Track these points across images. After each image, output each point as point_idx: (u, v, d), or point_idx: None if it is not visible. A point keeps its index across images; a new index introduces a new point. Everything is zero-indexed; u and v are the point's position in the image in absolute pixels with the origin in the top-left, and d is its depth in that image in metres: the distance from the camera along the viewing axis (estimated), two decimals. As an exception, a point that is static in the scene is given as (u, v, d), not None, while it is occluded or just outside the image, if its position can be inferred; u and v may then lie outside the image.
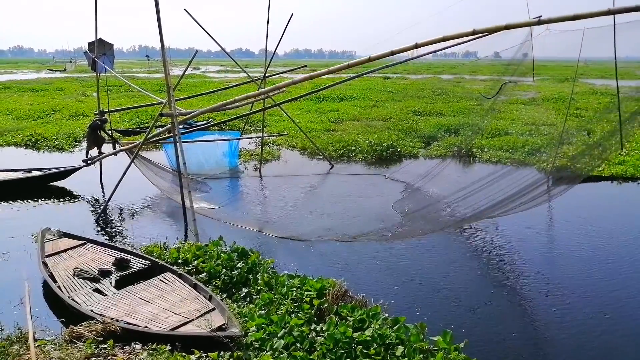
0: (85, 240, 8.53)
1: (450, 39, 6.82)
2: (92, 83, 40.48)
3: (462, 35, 6.74)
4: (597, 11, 5.93)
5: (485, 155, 16.19)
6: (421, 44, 7.01)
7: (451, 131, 19.95)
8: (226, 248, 7.94)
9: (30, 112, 25.56)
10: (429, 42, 6.97)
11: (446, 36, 6.77)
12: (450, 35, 6.76)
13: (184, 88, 37.46)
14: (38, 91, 37.38)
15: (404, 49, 7.27)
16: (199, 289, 6.70)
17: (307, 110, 26.92)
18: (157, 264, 7.50)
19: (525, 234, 10.02)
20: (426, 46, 7.13)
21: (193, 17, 12.54)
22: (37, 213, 11.14)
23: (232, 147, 15.01)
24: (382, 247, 9.18)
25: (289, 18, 13.79)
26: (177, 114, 9.66)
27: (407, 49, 7.23)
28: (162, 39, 9.24)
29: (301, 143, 18.07)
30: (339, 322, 5.62)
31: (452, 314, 6.84)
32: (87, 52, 13.69)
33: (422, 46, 7.05)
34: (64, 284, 6.94)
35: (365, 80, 43.07)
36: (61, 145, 18.37)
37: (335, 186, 13.74)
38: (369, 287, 7.14)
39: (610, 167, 14.39)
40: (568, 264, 8.61)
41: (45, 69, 76.93)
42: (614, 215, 11.48)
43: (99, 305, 6.33)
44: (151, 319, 5.97)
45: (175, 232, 9.63)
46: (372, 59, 7.41)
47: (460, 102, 28.00)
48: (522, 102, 29.15)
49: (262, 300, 6.36)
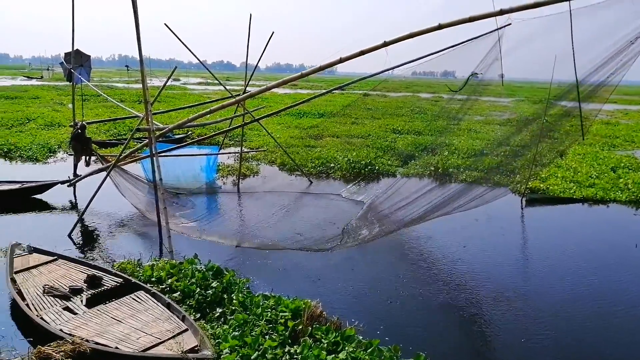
0: (57, 256, 8.35)
1: (418, 34, 7.08)
2: (69, 92, 39.78)
3: (428, 30, 7.01)
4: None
5: (462, 176, 16.47)
6: (390, 42, 7.22)
7: (428, 150, 20.27)
8: (201, 266, 7.87)
9: (4, 121, 24.99)
10: (397, 39, 7.20)
11: (413, 32, 7.05)
12: (417, 31, 7.06)
13: (164, 100, 37.24)
14: (13, 99, 36.62)
15: (373, 48, 7.45)
16: (172, 308, 6.62)
17: (287, 126, 27.02)
18: (130, 282, 7.39)
19: (492, 256, 10.22)
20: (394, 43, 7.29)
21: (173, 32, 12.53)
22: (7, 227, 10.86)
23: (210, 161, 14.92)
24: (359, 265, 9.24)
25: (270, 36, 13.90)
26: (154, 129, 9.60)
27: (376, 47, 7.41)
28: (140, 53, 9.20)
29: (280, 159, 18.09)
30: (313, 345, 5.62)
31: (424, 334, 6.92)
32: (63, 63, 13.56)
33: (390, 43, 7.25)
34: (33, 302, 6.77)
35: (346, 97, 43.52)
36: (35, 156, 17.97)
37: (312, 203, 13.78)
38: (344, 305, 7.17)
39: (581, 189, 14.82)
40: (538, 285, 8.81)
41: (21, 76, 75.49)
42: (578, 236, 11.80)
43: (69, 325, 6.19)
44: (122, 339, 5.86)
45: (150, 248, 9.50)
46: (343, 59, 7.60)
47: (437, 121, 28.46)
48: (498, 123, 29.80)
49: (236, 321, 6.31)
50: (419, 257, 9.93)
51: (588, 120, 13.43)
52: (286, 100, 38.39)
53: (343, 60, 7.55)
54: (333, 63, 7.86)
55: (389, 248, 10.29)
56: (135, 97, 37.00)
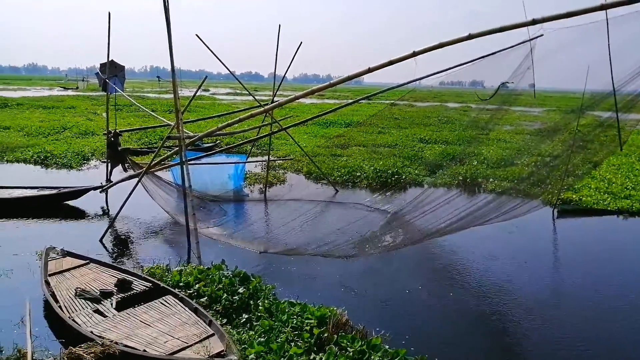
0: (89, 260, 8.56)
1: (447, 44, 6.92)
2: (102, 102, 41.07)
3: (459, 40, 6.84)
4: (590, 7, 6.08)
5: (490, 186, 16.19)
6: (419, 52, 7.11)
7: (456, 159, 20.03)
8: (228, 272, 7.94)
9: (41, 129, 25.93)
10: (427, 49, 7.08)
11: (442, 42, 6.90)
12: (446, 41, 6.89)
13: (194, 109, 37.98)
14: (50, 108, 37.97)
15: (402, 58, 7.33)
16: (199, 313, 6.68)
17: (313, 135, 27.14)
18: (158, 287, 7.50)
19: (522, 267, 9.97)
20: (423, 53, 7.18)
21: (204, 43, 12.81)
22: (44, 231, 11.23)
23: (237, 170, 15.11)
24: (384, 274, 9.16)
25: (298, 46, 14.05)
26: (184, 137, 9.79)
27: (405, 57, 7.30)
28: (172, 63, 9.42)
29: (307, 167, 18.16)
30: (338, 353, 5.58)
31: (451, 345, 6.79)
32: (98, 73, 14.01)
33: (419, 53, 7.12)
34: (65, 304, 6.94)
35: (372, 107, 43.47)
36: (70, 163, 18.55)
37: (338, 212, 13.76)
38: (369, 314, 7.12)
39: (616, 201, 14.37)
40: (570, 297, 8.55)
41: (58, 87, 78.24)
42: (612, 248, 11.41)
43: (99, 327, 6.32)
44: (150, 343, 5.95)
45: (178, 254, 9.64)
46: (372, 69, 7.51)
47: (466, 131, 28.14)
48: (528, 132, 29.25)
49: (262, 327, 6.33)
50: (445, 266, 9.79)
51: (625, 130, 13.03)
52: (313, 110, 38.62)
53: (372, 70, 7.50)
54: (362, 73, 7.81)
55: (414, 257, 10.18)
56: (166, 107, 37.83)
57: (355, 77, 7.97)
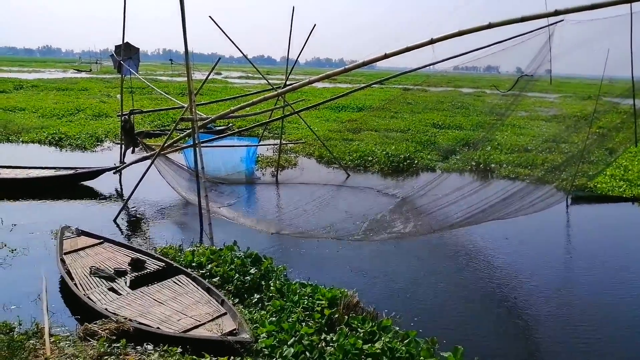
0: (103, 239, 8.68)
1: (467, 32, 6.75)
2: (116, 84, 41.29)
3: (478, 28, 6.67)
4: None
5: (504, 171, 16.04)
6: (437, 39, 6.96)
7: (470, 145, 19.85)
8: (240, 253, 8.01)
9: (55, 111, 26.17)
10: (445, 36, 6.91)
11: (462, 30, 6.74)
12: (466, 29, 6.73)
13: (206, 93, 37.97)
14: (64, 90, 38.26)
15: (420, 45, 7.18)
16: (211, 292, 6.76)
17: (325, 119, 27.04)
18: (171, 266, 7.59)
19: (535, 254, 9.91)
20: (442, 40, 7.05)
21: (218, 25, 12.74)
22: (59, 210, 11.40)
23: (249, 153, 15.14)
24: (395, 257, 9.18)
25: (312, 29, 13.92)
26: (197, 119, 9.81)
27: (423, 44, 7.14)
28: (186, 45, 9.41)
29: (318, 151, 18.14)
30: (349, 333, 5.62)
31: (461, 329, 6.81)
32: (113, 55, 14.05)
33: (437, 41, 6.98)
34: (81, 282, 7.07)
35: (385, 92, 43.15)
36: (84, 145, 18.73)
37: (349, 196, 13.76)
38: (380, 296, 7.15)
39: (632, 188, 14.16)
40: (583, 285, 8.49)
41: (72, 69, 78.61)
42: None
43: (113, 304, 6.43)
44: (163, 321, 6.04)
45: (191, 234, 9.73)
46: (388, 55, 7.36)
47: (480, 116, 27.84)
48: (544, 119, 28.86)
49: (273, 307, 6.39)
50: (456, 251, 9.76)
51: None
52: (325, 94, 38.39)
53: (388, 56, 7.36)
54: (377, 59, 7.66)
55: (426, 242, 10.16)
56: (178, 90, 37.88)
57: (370, 63, 7.87)
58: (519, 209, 9.24)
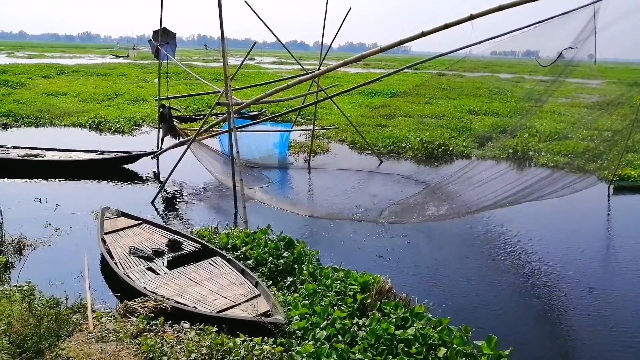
0: (141, 220, 8.93)
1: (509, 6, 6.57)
2: (152, 70, 42.05)
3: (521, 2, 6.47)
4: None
5: (542, 159, 15.59)
6: (476, 15, 6.79)
7: (507, 132, 19.34)
8: (273, 237, 8.10)
9: (95, 96, 26.92)
10: (485, 12, 6.74)
11: (502, 5, 6.56)
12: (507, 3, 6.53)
13: (239, 78, 38.17)
14: (102, 75, 39.26)
15: (459, 21, 6.98)
16: (246, 274, 6.88)
17: (358, 105, 26.85)
18: (207, 248, 7.76)
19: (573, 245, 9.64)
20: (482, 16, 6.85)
21: (253, 9, 12.75)
22: (100, 192, 11.81)
23: (282, 138, 15.21)
24: (426, 244, 9.11)
25: (347, 12, 13.76)
26: (233, 103, 9.90)
27: (463, 20, 6.94)
28: (222, 30, 9.47)
29: (351, 137, 18.05)
30: (381, 319, 5.63)
31: (495, 318, 6.72)
32: (151, 40, 14.25)
33: (477, 17, 6.81)
34: (120, 261, 7.31)
35: (419, 77, 42.39)
36: (122, 129, 19.24)
37: (382, 182, 13.68)
38: (412, 283, 7.13)
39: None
40: (614, 276, 8.23)
41: (110, 55, 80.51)
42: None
43: (152, 284, 6.63)
44: (200, 300, 6.20)
45: (226, 218, 9.91)
46: (425, 33, 7.19)
47: (518, 103, 27.06)
48: (585, 106, 27.78)
49: (306, 291, 6.45)
50: (490, 240, 9.60)
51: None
52: (358, 80, 38.06)
53: (425, 34, 7.19)
54: (414, 37, 7.49)
55: (456, 230, 10.04)
56: (213, 76, 38.23)
57: (407, 42, 7.72)
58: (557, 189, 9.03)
